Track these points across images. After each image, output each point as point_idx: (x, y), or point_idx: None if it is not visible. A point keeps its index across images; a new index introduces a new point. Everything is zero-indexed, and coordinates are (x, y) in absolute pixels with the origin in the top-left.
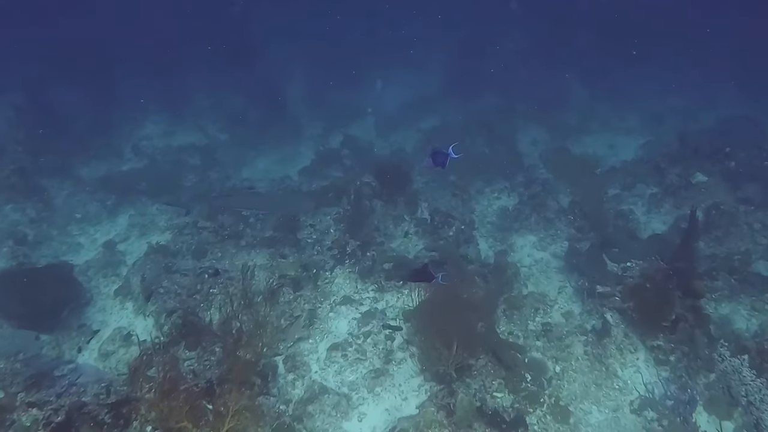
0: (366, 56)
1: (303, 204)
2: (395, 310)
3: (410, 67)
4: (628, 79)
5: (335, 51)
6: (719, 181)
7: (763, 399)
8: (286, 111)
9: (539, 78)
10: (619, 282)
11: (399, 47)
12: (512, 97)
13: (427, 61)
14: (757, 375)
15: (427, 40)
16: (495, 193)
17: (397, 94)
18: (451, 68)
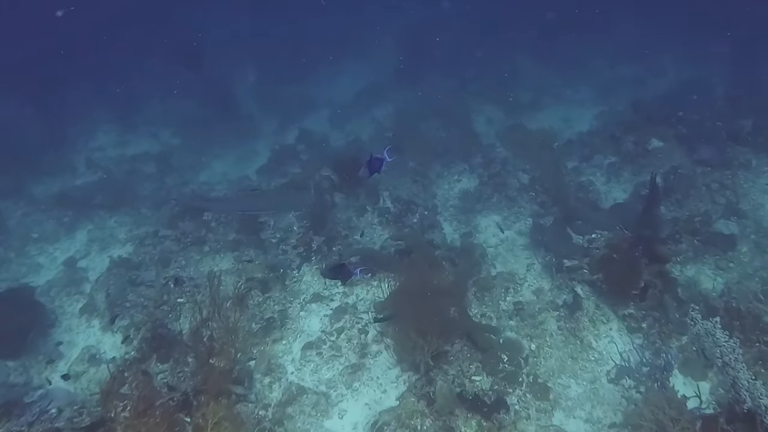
0: (315, 48)
1: (303, 199)
2: (366, 303)
3: (361, 55)
4: (578, 51)
5: (284, 45)
6: (675, 146)
7: (738, 358)
8: (239, 110)
9: (490, 57)
10: (586, 254)
11: (349, 36)
12: (465, 78)
13: (378, 47)
14: (729, 335)
15: (376, 26)
16: (455, 175)
17: (349, 83)
18: (402, 53)
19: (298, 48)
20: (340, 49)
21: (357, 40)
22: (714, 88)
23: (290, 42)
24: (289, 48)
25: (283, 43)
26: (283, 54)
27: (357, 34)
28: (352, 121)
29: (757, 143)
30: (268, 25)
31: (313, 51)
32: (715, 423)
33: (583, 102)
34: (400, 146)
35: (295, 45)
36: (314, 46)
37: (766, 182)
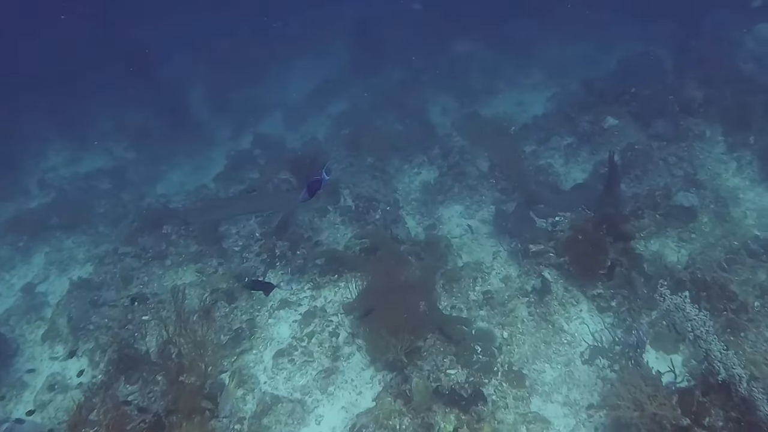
0: (264, 50)
1: (299, 197)
2: (335, 305)
3: (312, 53)
4: (527, 33)
5: (232, 50)
6: (630, 122)
7: (709, 331)
8: (192, 119)
9: (441, 46)
10: (551, 238)
11: (298, 35)
12: (417, 69)
13: (328, 44)
14: (699, 308)
15: (325, 23)
16: (414, 168)
17: (302, 82)
18: (353, 48)
19: (247, 51)
20: (290, 49)
21: (306, 39)
22: (663, 62)
23: (239, 46)
24: (238, 52)
25: (232, 48)
26: (232, 58)
27: (306, 33)
28: (307, 121)
29: (710, 113)
30: (216, 30)
31: (262, 53)
32: (691, 396)
33: (535, 85)
34: (357, 142)
35: (244, 48)
36: (263, 48)
37: (721, 151)
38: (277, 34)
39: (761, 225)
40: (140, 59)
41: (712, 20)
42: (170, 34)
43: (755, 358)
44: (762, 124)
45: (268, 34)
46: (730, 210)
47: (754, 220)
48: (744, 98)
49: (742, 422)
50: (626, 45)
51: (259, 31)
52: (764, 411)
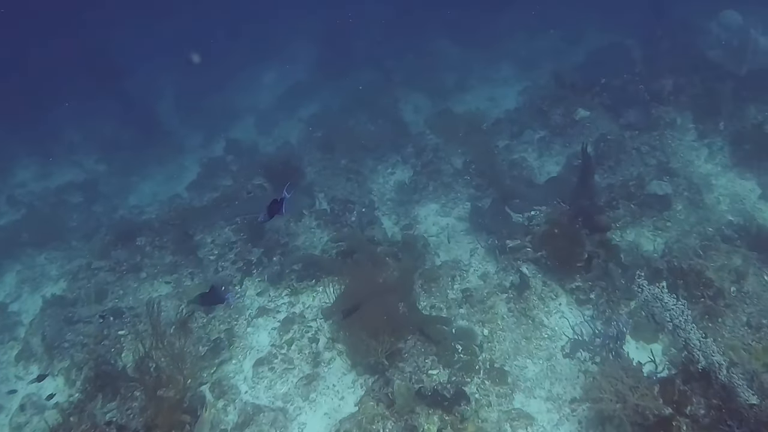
0: (233, 55)
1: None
2: (313, 310)
3: (281, 56)
4: (495, 28)
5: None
6: (601, 113)
7: (687, 320)
8: (163, 127)
9: (410, 45)
10: (528, 232)
11: (265, 39)
12: (387, 69)
13: (297, 48)
14: (677, 298)
15: (292, 27)
16: (389, 168)
17: (272, 86)
18: (321, 51)
19: (215, 58)
20: (259, 53)
21: (274, 43)
22: (631, 52)
23: (207, 52)
24: (207, 58)
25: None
26: (201, 66)
27: (273, 37)
28: (279, 125)
29: (680, 101)
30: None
31: (231, 58)
32: (672, 385)
33: (506, 79)
34: (330, 144)
35: (213, 55)
36: (232, 53)
37: (692, 139)
38: (246, 38)
39: (734, 210)
40: (106, 72)
41: (679, 8)
42: (137, 43)
43: (733, 343)
44: (731, 109)
45: (236, 39)
46: (703, 196)
47: (727, 206)
48: (712, 85)
49: (723, 409)
50: (595, 36)
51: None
52: (744, 397)
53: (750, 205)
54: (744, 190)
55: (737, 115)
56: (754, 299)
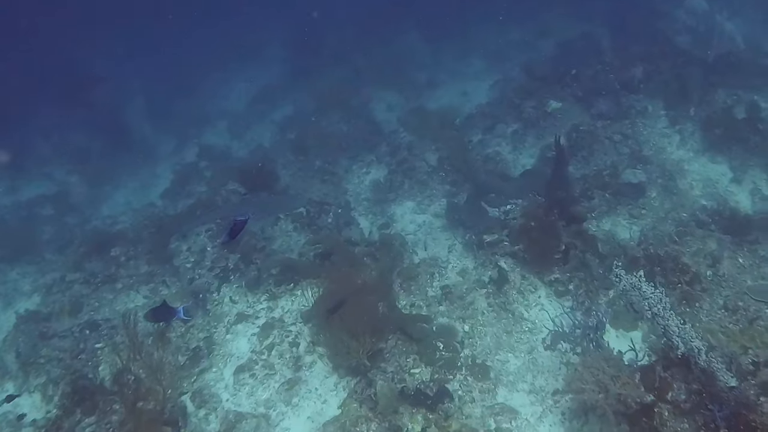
0: (203, 58)
1: (296, 201)
2: (293, 314)
3: (250, 58)
4: (463, 22)
5: (169, 62)
6: (573, 104)
7: (666, 307)
8: (135, 135)
9: (380, 42)
10: (504, 226)
11: (235, 42)
12: (358, 67)
13: (267, 48)
14: (655, 286)
15: (262, 28)
16: (363, 168)
17: (243, 89)
18: (291, 51)
19: (185, 63)
20: (229, 56)
21: (245, 45)
22: (601, 41)
23: (176, 58)
24: (176, 64)
25: (169, 61)
26: (171, 71)
27: (243, 39)
28: (251, 128)
29: (650, 89)
30: (151, 44)
31: (200, 62)
32: (653, 372)
33: (477, 74)
34: (304, 146)
35: (182, 60)
36: (201, 58)
37: (663, 126)
38: (214, 42)
39: (707, 195)
40: (75, 81)
41: None
42: (105, 51)
43: (711, 327)
44: (701, 95)
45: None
46: (677, 183)
47: (700, 191)
48: (681, 71)
49: (704, 393)
50: (563, 27)
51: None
52: (724, 380)
53: (722, 188)
54: (716, 174)
55: (707, 101)
56: (729, 282)
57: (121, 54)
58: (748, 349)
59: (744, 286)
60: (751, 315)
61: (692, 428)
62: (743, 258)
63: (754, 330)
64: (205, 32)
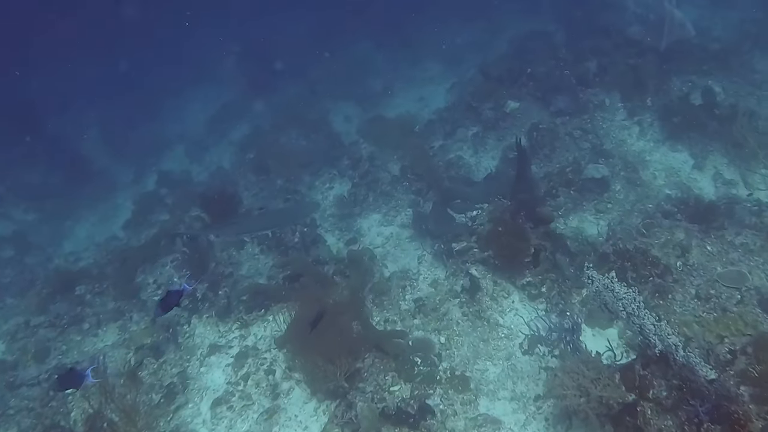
0: (155, 83)
1: (307, 208)
2: (266, 340)
3: (204, 79)
4: (415, 27)
5: (122, 89)
6: (531, 102)
7: (640, 306)
8: (92, 166)
9: (334, 53)
10: (472, 233)
11: (187, 64)
12: (313, 80)
13: (220, 68)
14: (628, 286)
15: (213, 46)
16: (326, 183)
17: (199, 111)
18: (245, 69)
19: (140, 89)
20: (182, 78)
21: (197, 66)
22: (553, 37)
23: (128, 85)
24: (129, 91)
25: (121, 88)
26: (124, 99)
27: (196, 60)
28: (210, 151)
29: (605, 82)
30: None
31: (156, 88)
32: (632, 371)
33: (433, 78)
34: (264, 165)
35: (137, 86)
36: (156, 83)
37: (622, 118)
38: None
39: (671, 183)
40: (26, 114)
41: None
42: (56, 84)
43: (686, 318)
44: (656, 84)
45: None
46: (639, 174)
47: (663, 180)
48: (635, 62)
49: (684, 388)
50: (516, 25)
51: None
52: (703, 373)
53: (685, 176)
54: (678, 163)
55: (662, 89)
56: (700, 271)
57: (75, 85)
58: (724, 338)
59: (714, 274)
60: (723, 302)
61: (676, 424)
62: (711, 245)
63: (728, 318)
64: (159, 56)
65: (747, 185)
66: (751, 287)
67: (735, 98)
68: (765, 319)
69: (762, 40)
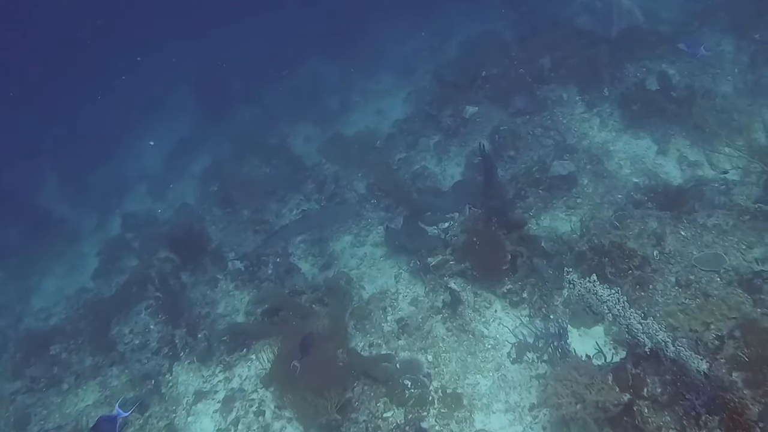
0: (109, 123)
1: (349, 208)
2: (252, 380)
3: (159, 113)
4: (366, 38)
5: (78, 133)
6: (489, 105)
7: (625, 306)
8: (53, 216)
9: (285, 74)
10: (447, 245)
11: (139, 99)
12: (268, 104)
13: (175, 100)
14: (610, 287)
15: (162, 79)
16: (294, 210)
17: (157, 147)
18: (199, 99)
19: (93, 131)
20: (136, 115)
21: (150, 101)
22: (503, 36)
23: (84, 127)
24: (85, 134)
25: (77, 132)
26: (80, 142)
27: (147, 94)
28: (172, 187)
29: (561, 76)
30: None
31: (109, 127)
32: (624, 371)
33: (389, 89)
34: (229, 197)
35: (90, 129)
36: (109, 122)
37: (581, 111)
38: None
39: (637, 171)
40: None
41: None
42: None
43: (670, 308)
44: (611, 73)
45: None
46: (605, 165)
47: (629, 169)
48: (588, 52)
49: (678, 383)
50: (464, 27)
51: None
52: (695, 365)
53: (650, 162)
54: (641, 150)
55: (618, 78)
56: (677, 257)
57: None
58: (710, 324)
59: (692, 259)
60: (704, 287)
61: (674, 420)
62: (685, 230)
63: (711, 303)
64: (108, 95)
65: (713, 166)
66: (729, 268)
67: (690, 79)
68: (747, 300)
69: (708, 17)
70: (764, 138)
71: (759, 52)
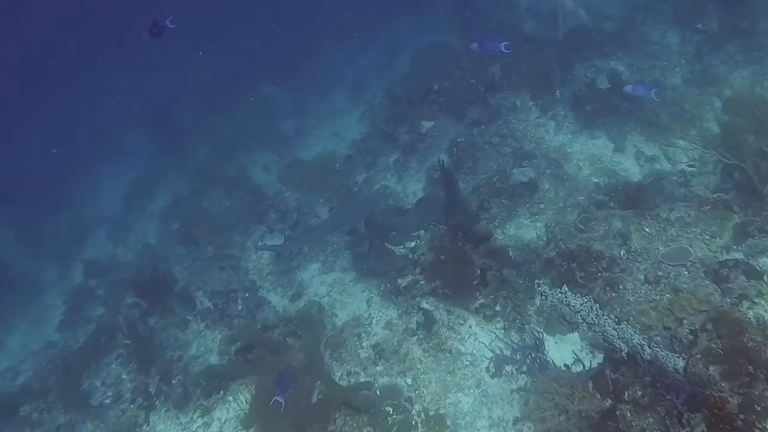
0: (59, 171)
1: (376, 199)
2: (232, 423)
3: (111, 155)
4: (313, 59)
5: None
6: (444, 119)
7: (599, 314)
8: (11, 271)
9: (237, 103)
10: (416, 264)
11: (92, 142)
12: (223, 134)
13: (126, 139)
14: (582, 296)
15: (114, 119)
16: (258, 242)
17: (112, 189)
18: (152, 135)
19: (44, 179)
20: (86, 159)
21: (100, 142)
22: (451, 46)
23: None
24: (35, 183)
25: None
26: (31, 192)
27: (100, 136)
28: (133, 228)
29: (513, 83)
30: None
31: (60, 174)
32: (604, 377)
33: (343, 110)
34: (191, 235)
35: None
36: (60, 169)
37: (536, 116)
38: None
39: (596, 171)
40: None
41: None
42: None
43: (642, 307)
44: (561, 75)
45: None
46: (564, 168)
47: (588, 169)
48: (537, 57)
49: (657, 383)
50: (411, 40)
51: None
52: (672, 365)
53: (608, 161)
54: (598, 149)
55: (569, 80)
56: (644, 255)
57: None
58: (682, 319)
59: (658, 255)
60: (673, 282)
61: (657, 420)
62: (649, 226)
63: (682, 298)
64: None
65: (669, 160)
66: (695, 260)
67: (639, 74)
68: (715, 290)
69: (651, 10)
70: (716, 126)
71: (703, 41)
